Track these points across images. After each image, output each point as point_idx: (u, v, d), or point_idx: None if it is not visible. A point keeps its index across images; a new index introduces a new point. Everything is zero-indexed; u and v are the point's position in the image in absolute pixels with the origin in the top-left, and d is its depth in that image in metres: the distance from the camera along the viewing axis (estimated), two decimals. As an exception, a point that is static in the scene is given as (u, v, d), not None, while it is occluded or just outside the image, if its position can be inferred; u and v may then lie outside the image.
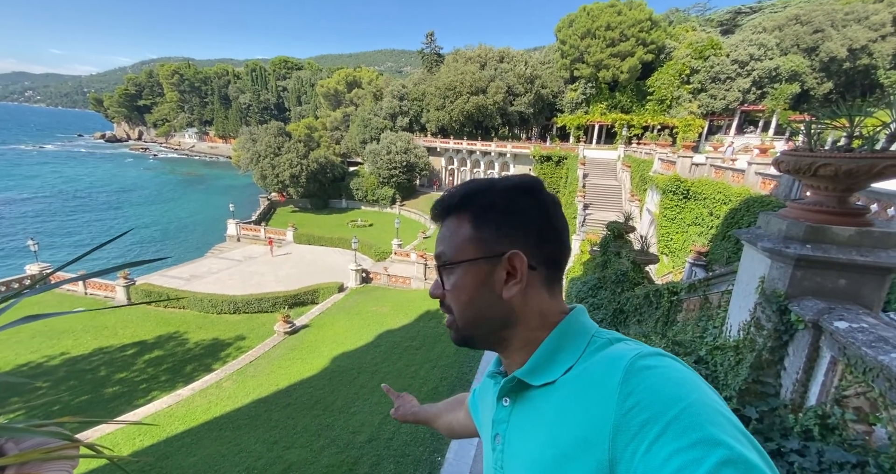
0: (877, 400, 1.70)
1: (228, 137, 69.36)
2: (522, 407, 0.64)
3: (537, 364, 0.62)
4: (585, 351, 0.60)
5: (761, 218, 2.44)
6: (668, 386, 0.47)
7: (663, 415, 0.44)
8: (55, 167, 59.48)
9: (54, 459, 0.55)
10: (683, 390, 0.46)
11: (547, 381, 0.60)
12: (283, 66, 68.27)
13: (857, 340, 1.72)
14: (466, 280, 0.63)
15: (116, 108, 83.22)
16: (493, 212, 0.63)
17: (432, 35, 43.87)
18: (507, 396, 0.66)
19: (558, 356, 0.61)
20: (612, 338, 0.62)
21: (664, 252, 15.03)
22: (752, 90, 31.21)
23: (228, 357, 12.96)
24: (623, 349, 0.56)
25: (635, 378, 0.49)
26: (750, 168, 11.84)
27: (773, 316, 2.23)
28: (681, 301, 4.25)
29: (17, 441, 0.57)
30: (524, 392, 0.64)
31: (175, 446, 8.20)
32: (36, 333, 13.52)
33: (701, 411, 0.44)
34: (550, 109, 37.24)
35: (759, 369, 2.31)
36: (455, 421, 1.04)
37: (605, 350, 0.59)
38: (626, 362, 0.51)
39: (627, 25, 30.31)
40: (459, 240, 0.64)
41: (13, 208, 36.56)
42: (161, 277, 19.55)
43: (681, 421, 0.43)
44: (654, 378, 0.49)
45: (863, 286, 2.03)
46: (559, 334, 0.63)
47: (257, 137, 33.83)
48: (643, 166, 20.76)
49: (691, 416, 0.43)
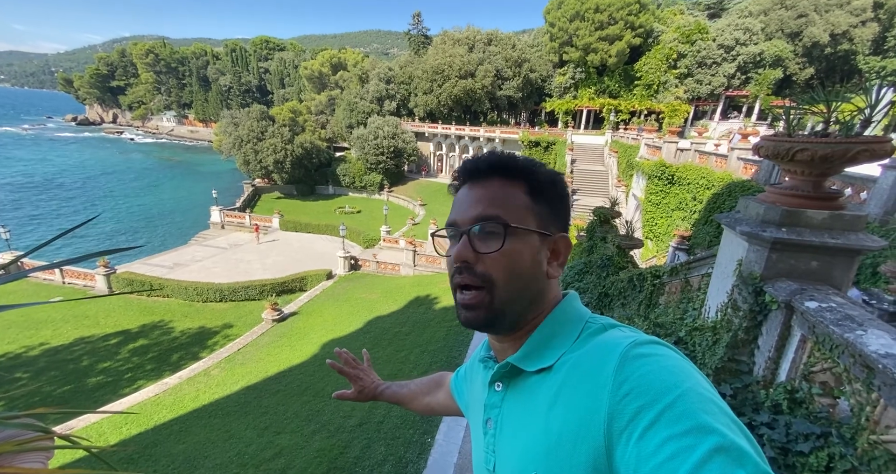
0: (841, 375, 1.79)
1: (209, 121, 67.10)
2: (515, 392, 0.63)
3: (531, 349, 0.62)
4: (580, 336, 0.60)
5: (741, 202, 2.50)
6: (663, 374, 0.48)
7: (657, 403, 0.45)
8: (24, 152, 56.80)
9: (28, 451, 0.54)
10: (677, 378, 0.47)
11: (541, 367, 0.60)
12: (264, 46, 65.81)
13: (825, 319, 1.80)
14: (522, 248, 0.60)
15: (88, 88, 79.34)
16: (551, 192, 0.64)
17: (419, 16, 42.74)
18: (500, 381, 0.66)
19: (552, 341, 0.61)
20: (606, 323, 0.61)
21: (649, 236, 15.33)
22: (736, 75, 31.45)
23: (216, 345, 12.87)
24: (618, 336, 0.56)
25: (630, 365, 0.50)
26: (732, 153, 12.05)
27: (749, 297, 2.30)
28: (663, 284, 4.37)
29: None
30: (517, 377, 0.63)
31: (163, 434, 8.21)
32: (11, 324, 13.16)
33: (694, 399, 0.44)
34: (539, 94, 36.97)
35: (734, 348, 2.41)
36: (434, 402, 1.03)
37: (599, 336, 0.59)
38: (622, 349, 0.52)
39: (616, 8, 30.00)
40: (519, 206, 0.61)
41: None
42: (143, 265, 19.12)
43: (674, 409, 0.44)
44: (649, 366, 0.49)
45: (833, 267, 2.11)
46: (554, 320, 0.63)
47: (239, 121, 32.81)
48: (630, 151, 20.92)
49: (685, 404, 0.44)
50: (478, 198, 0.62)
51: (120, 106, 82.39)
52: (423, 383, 1.07)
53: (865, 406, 1.62)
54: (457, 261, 0.62)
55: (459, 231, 0.63)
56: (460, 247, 0.61)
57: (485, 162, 0.64)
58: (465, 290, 0.61)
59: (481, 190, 0.63)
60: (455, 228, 0.64)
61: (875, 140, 1.93)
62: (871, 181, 6.78)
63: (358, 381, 1.07)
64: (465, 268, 0.61)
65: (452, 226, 0.65)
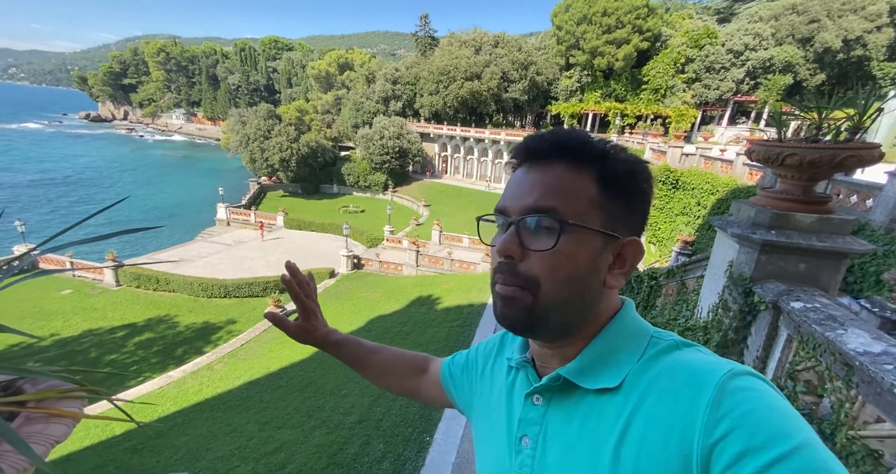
0: (823, 373, 1.84)
1: (217, 119, 67.77)
2: (563, 410, 0.55)
3: (589, 363, 0.53)
4: (645, 353, 0.52)
5: (733, 206, 2.56)
6: (774, 416, 0.40)
7: (768, 449, 0.37)
8: (43, 149, 57.71)
9: (66, 398, 0.64)
10: (793, 424, 0.39)
11: (605, 386, 0.51)
12: (273, 46, 66.39)
13: (809, 319, 1.86)
14: (579, 250, 0.51)
15: (101, 86, 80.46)
16: (628, 184, 0.53)
17: (426, 17, 42.93)
18: (541, 394, 0.57)
19: (614, 357, 0.53)
20: (678, 341, 0.53)
21: (652, 241, 15.31)
22: (745, 80, 31.28)
23: (219, 340, 13.03)
24: (705, 361, 0.48)
25: (731, 399, 0.42)
26: (738, 159, 12.03)
27: (739, 298, 2.36)
28: (660, 286, 4.42)
29: (33, 382, 0.66)
30: (567, 393, 0.55)
31: (167, 425, 8.34)
32: (25, 314, 13.43)
33: (816, 456, 0.37)
34: (545, 97, 36.98)
35: (724, 348, 2.46)
36: (414, 390, 0.89)
37: (671, 356, 0.51)
38: (719, 379, 0.43)
39: (624, 11, 29.98)
40: (582, 199, 0.51)
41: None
42: (150, 260, 19.39)
43: (792, 461, 0.36)
44: (755, 403, 0.41)
45: (821, 270, 2.16)
46: (614, 332, 0.54)
47: (247, 120, 33.14)
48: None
49: (806, 459, 0.36)
50: (534, 183, 0.53)
51: (131, 103, 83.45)
52: (399, 358, 0.90)
53: (845, 402, 1.68)
54: (500, 254, 0.53)
55: (508, 220, 0.54)
56: (507, 239, 0.52)
57: (550, 140, 0.53)
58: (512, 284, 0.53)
59: (540, 174, 0.53)
60: (503, 216, 0.55)
61: (862, 146, 1.99)
62: (878, 188, 6.74)
63: (310, 317, 0.87)
64: (506, 264, 0.53)
65: (501, 213, 0.55)
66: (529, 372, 0.60)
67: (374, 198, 34.59)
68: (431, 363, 0.89)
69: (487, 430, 0.66)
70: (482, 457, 0.65)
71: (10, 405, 0.61)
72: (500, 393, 0.65)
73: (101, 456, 7.33)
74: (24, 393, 0.64)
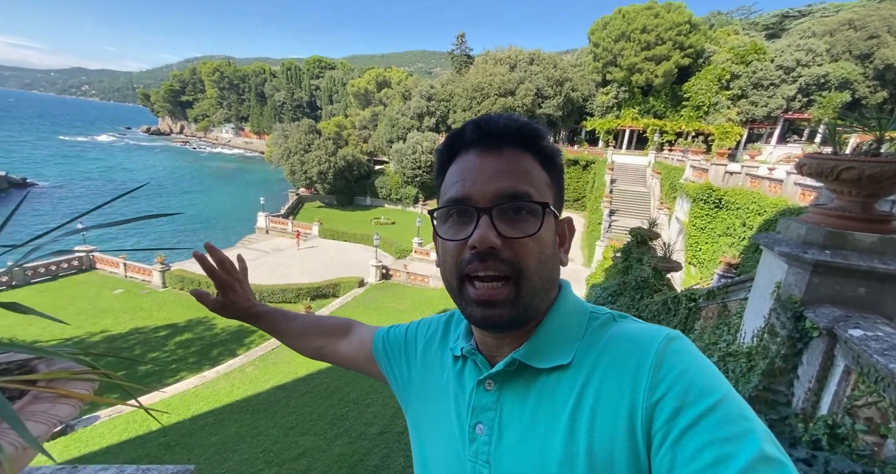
0: (888, 411, 1.65)
1: (262, 133, 71.95)
2: (517, 392, 0.54)
3: (542, 344, 0.54)
4: (588, 328, 0.54)
5: (781, 223, 2.40)
6: (701, 374, 0.44)
7: (696, 405, 0.42)
8: (105, 157, 63.52)
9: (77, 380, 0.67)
10: (716, 380, 0.44)
11: (558, 364, 0.52)
12: (317, 65, 70.19)
13: (871, 348, 1.68)
14: (547, 233, 0.52)
15: (162, 102, 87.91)
16: (559, 164, 0.55)
17: (463, 36, 44.06)
18: (493, 379, 0.56)
19: (561, 334, 0.54)
20: (613, 313, 0.56)
21: (692, 262, 14.54)
22: (797, 97, 29.65)
23: (252, 343, 13.48)
24: (642, 329, 0.51)
25: (668, 362, 0.46)
26: (788, 178, 11.33)
27: (788, 322, 2.18)
28: (699, 308, 4.16)
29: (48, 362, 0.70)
30: (521, 376, 0.55)
31: (199, 424, 8.65)
32: (80, 311, 14.51)
33: (734, 405, 0.42)
34: (580, 113, 36.64)
35: (771, 377, 2.27)
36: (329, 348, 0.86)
37: (613, 327, 0.53)
38: (658, 344, 0.47)
39: (665, 28, 29.47)
40: (542, 182, 0.53)
41: (65, 194, 39.29)
42: (194, 264, 20.53)
43: (716, 413, 0.41)
44: (686, 364, 0.45)
45: (883, 295, 1.96)
46: (562, 311, 0.56)
47: (289, 134, 34.97)
48: (674, 173, 20.15)
49: (726, 409, 0.41)
50: (497, 169, 0.51)
51: (187, 118, 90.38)
52: (316, 323, 0.90)
53: (915, 445, 1.49)
54: (481, 245, 0.49)
55: (477, 208, 0.51)
56: (484, 229, 0.49)
57: (505, 126, 0.52)
58: (486, 282, 0.51)
59: (498, 159, 0.52)
60: (467, 205, 0.52)
61: (931, 161, 1.82)
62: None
63: (230, 291, 0.86)
64: (488, 254, 0.49)
65: (463, 202, 0.52)
66: (479, 358, 0.59)
67: (405, 211, 35.19)
68: (356, 328, 0.86)
69: (432, 419, 0.63)
70: (430, 447, 0.63)
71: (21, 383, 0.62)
72: (448, 382, 0.63)
73: (136, 451, 7.67)
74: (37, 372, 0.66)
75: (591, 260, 19.52)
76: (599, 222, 21.43)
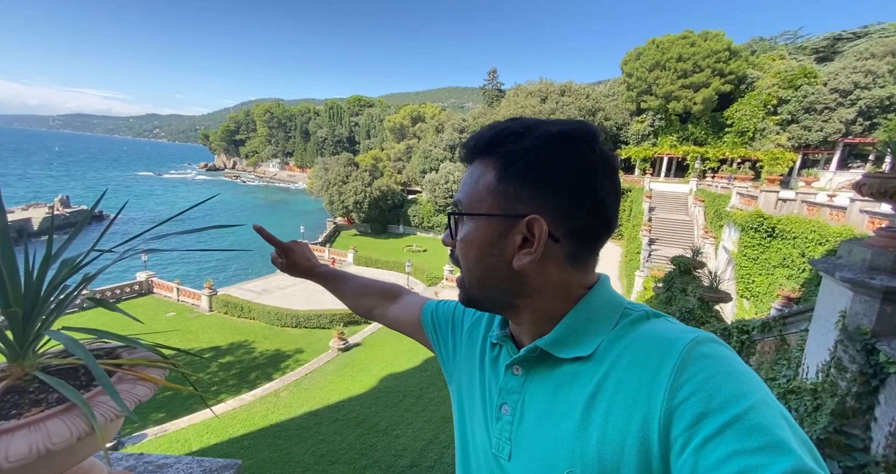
0: None
1: (305, 167, 76.78)
2: (540, 378, 0.58)
3: (565, 334, 0.56)
4: (618, 323, 0.54)
5: (842, 247, 2.23)
6: (731, 379, 0.42)
7: (724, 412, 0.40)
8: (167, 191, 70.02)
9: (153, 367, 0.78)
10: (748, 387, 0.42)
11: (579, 355, 0.54)
12: (356, 103, 75.12)
13: (961, 386, 1.49)
14: (476, 235, 0.56)
15: (218, 141, 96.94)
16: (524, 164, 0.53)
17: (494, 72, 45.81)
18: (520, 365, 0.60)
19: (589, 327, 0.55)
20: (649, 311, 0.55)
21: (744, 295, 13.49)
22: (857, 121, 27.91)
23: (287, 368, 13.73)
24: (672, 329, 0.51)
25: (693, 365, 0.44)
26: (853, 205, 10.51)
27: (858, 356, 1.97)
28: (753, 342, 3.82)
29: (129, 351, 0.85)
30: (544, 363, 0.58)
31: (235, 447, 8.77)
32: (137, 333, 15.45)
33: (767, 413, 0.39)
34: (614, 141, 36.34)
35: (842, 417, 2.03)
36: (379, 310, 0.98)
37: (643, 325, 0.53)
38: (684, 346, 0.46)
39: (702, 56, 29.23)
40: (479, 188, 0.56)
41: (134, 226, 43.32)
42: (238, 290, 21.59)
43: (745, 422, 0.38)
44: (715, 368, 0.43)
45: (972, 327, 1.75)
46: (587, 305, 0.56)
47: (329, 167, 37.09)
48: (718, 201, 19.23)
49: (757, 417, 0.39)
50: (463, 180, 0.60)
51: (239, 155, 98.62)
52: (371, 285, 1.02)
53: None
54: (443, 244, 0.64)
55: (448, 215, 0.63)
56: (445, 233, 0.62)
57: (466, 144, 0.60)
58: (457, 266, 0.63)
59: (467, 171, 0.60)
60: None
61: None
62: None
63: (290, 253, 1.00)
64: (451, 252, 0.62)
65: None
66: (509, 345, 0.64)
67: (437, 239, 35.57)
68: (406, 295, 0.98)
69: (471, 393, 0.70)
70: (469, 419, 0.70)
71: (110, 366, 0.76)
72: (485, 365, 0.69)
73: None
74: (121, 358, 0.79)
75: (630, 290, 18.62)
76: (638, 251, 20.60)
